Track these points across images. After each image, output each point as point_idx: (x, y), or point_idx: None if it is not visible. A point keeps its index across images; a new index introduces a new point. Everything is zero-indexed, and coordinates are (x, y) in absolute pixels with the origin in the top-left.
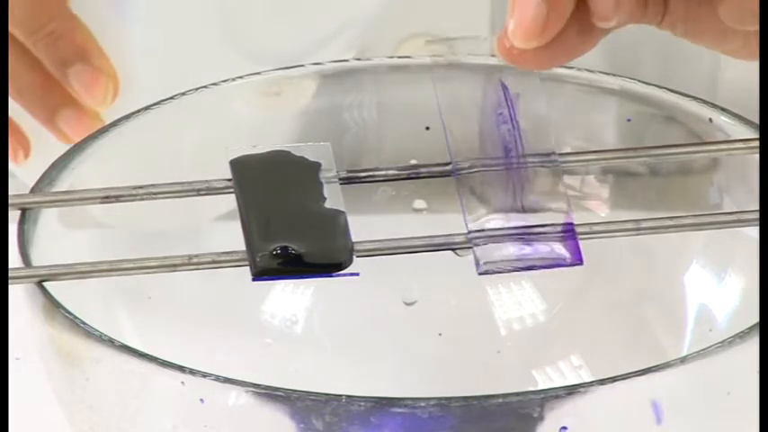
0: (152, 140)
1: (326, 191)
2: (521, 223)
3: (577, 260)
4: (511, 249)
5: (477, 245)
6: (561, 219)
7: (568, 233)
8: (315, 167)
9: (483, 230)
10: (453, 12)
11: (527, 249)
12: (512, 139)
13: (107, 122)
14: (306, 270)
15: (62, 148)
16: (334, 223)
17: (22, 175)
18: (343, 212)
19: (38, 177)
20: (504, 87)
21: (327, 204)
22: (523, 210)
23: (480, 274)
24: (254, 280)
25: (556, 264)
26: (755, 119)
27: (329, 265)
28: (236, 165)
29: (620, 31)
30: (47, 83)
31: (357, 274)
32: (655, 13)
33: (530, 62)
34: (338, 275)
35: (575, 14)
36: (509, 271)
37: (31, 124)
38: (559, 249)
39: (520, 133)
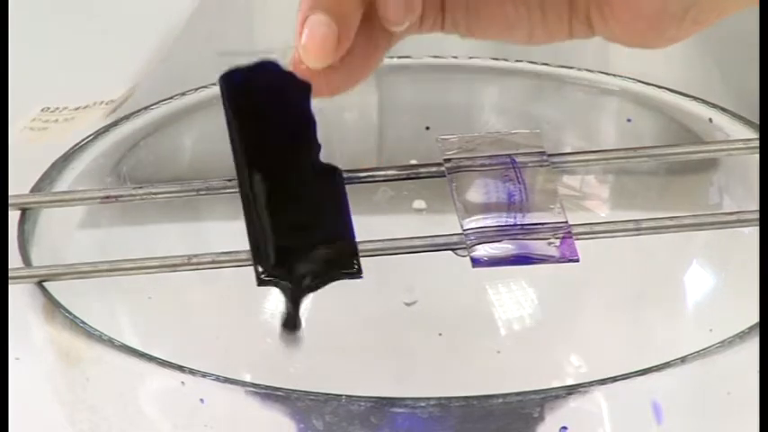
0: (152, 140)
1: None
2: (516, 222)
3: (573, 257)
4: (506, 245)
5: (472, 240)
6: (556, 218)
7: (564, 231)
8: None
9: (478, 227)
10: None
11: (522, 245)
12: (516, 191)
13: None
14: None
15: (62, 148)
16: (338, 219)
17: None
18: (338, 168)
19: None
20: (513, 161)
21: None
22: (519, 209)
23: (475, 266)
24: (258, 285)
25: (551, 259)
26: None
27: (334, 276)
28: (230, 92)
29: None
30: None
31: (360, 277)
32: (434, 17)
33: (323, 87)
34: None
35: (359, 33)
36: (504, 264)
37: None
38: (555, 247)
39: (526, 188)
